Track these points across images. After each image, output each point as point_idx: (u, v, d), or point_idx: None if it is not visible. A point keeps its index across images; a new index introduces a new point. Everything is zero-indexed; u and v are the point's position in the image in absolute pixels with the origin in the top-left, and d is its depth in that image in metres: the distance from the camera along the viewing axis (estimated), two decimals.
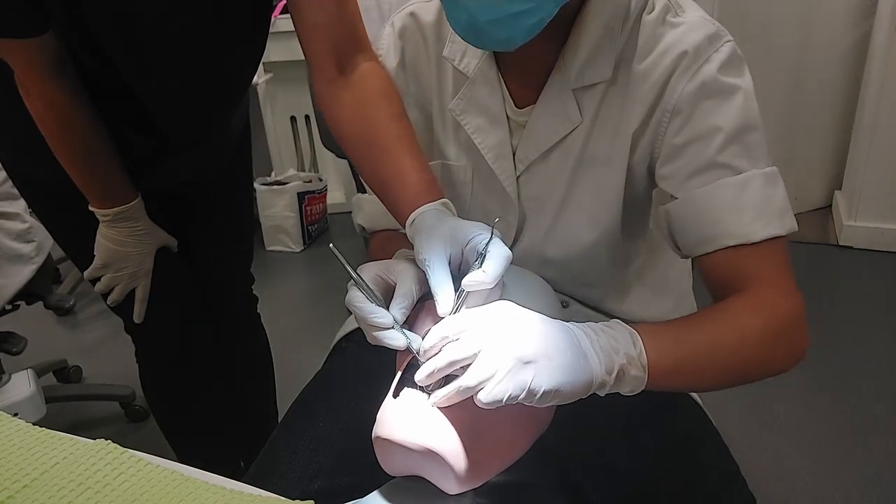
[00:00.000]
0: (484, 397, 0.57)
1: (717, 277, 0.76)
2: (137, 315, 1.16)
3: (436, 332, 0.62)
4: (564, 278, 0.88)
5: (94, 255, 1.09)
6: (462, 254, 0.68)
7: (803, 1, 2.54)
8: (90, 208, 1.04)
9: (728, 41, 0.76)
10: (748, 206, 0.74)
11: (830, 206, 2.92)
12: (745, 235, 0.73)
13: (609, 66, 0.78)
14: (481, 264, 0.65)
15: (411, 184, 0.77)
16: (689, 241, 0.77)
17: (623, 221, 0.84)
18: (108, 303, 1.15)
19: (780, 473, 1.62)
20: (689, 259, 0.83)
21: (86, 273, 1.11)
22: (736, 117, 0.74)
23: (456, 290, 0.65)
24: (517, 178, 0.85)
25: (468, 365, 0.59)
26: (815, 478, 1.60)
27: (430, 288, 0.66)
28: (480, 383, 0.57)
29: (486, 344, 0.58)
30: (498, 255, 0.65)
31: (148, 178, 1.09)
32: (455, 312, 0.64)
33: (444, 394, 0.60)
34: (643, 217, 0.88)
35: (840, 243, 2.66)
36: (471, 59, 0.84)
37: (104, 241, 1.07)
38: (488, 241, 0.66)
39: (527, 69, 0.82)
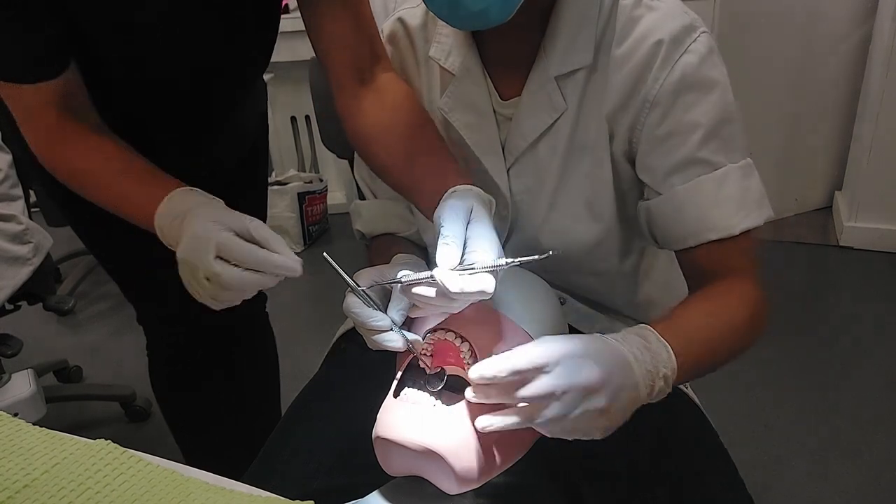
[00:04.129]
0: (547, 433, 0.62)
1: (696, 269, 0.80)
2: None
3: (507, 364, 0.59)
4: (566, 268, 0.88)
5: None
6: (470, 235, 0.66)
7: (803, 1, 2.54)
8: None
9: (704, 32, 0.76)
10: (728, 200, 0.77)
11: (831, 206, 2.92)
12: (726, 228, 0.76)
13: (589, 52, 0.78)
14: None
15: (452, 174, 0.76)
16: (672, 236, 0.80)
17: (619, 210, 0.84)
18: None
19: (779, 475, 1.62)
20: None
21: None
22: (714, 112, 0.76)
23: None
24: (507, 171, 0.86)
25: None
26: (814, 479, 1.60)
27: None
28: (546, 421, 0.60)
29: (562, 392, 0.59)
30: (478, 282, 0.61)
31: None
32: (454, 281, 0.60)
33: (501, 424, 0.61)
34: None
35: (840, 244, 2.66)
36: (456, 56, 0.85)
37: None
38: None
39: (510, 61, 0.83)
